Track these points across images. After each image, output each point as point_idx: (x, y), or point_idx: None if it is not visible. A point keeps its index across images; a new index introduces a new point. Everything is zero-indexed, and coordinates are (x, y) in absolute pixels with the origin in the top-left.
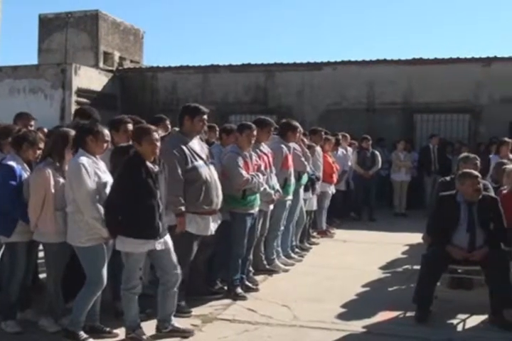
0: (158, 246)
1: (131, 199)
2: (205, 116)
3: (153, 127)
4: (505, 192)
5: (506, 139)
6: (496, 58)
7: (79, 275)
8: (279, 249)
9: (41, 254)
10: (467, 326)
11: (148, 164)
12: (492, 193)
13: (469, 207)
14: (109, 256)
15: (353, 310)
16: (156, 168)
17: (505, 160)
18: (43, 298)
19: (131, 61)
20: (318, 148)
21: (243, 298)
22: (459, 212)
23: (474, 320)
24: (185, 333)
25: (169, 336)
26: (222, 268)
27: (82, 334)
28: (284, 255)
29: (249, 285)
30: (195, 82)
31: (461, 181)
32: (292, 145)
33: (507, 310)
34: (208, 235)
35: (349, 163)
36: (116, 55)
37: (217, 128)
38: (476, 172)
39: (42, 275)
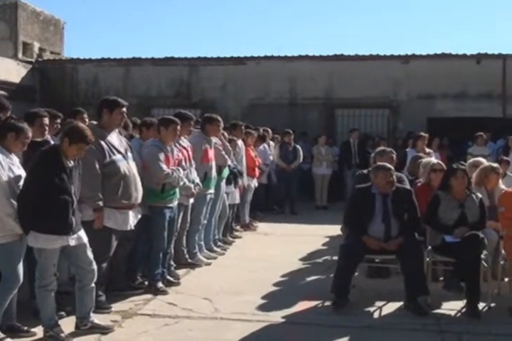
0: (72, 241)
1: (43, 194)
2: (124, 109)
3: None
4: (419, 184)
5: (422, 134)
6: (414, 56)
7: None
8: (202, 242)
9: None
10: (384, 313)
11: (63, 159)
12: (407, 185)
13: (384, 198)
14: (24, 253)
15: (273, 301)
16: (71, 163)
17: (421, 154)
18: None
19: (52, 52)
20: (239, 142)
21: (164, 293)
22: (374, 203)
23: (391, 307)
24: (105, 329)
25: (89, 333)
26: (142, 262)
27: None
28: (207, 249)
29: (171, 279)
30: (117, 75)
31: (375, 174)
32: (213, 139)
33: (421, 297)
34: (127, 230)
35: (271, 157)
36: (36, 45)
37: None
38: (388, 165)
39: None
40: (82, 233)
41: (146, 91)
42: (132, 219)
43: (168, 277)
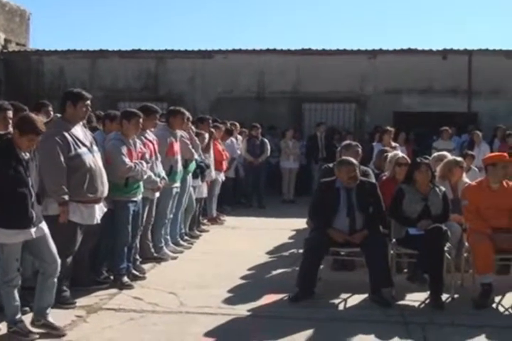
0: (33, 235)
1: (0, 188)
2: (89, 102)
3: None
4: (385, 178)
5: (388, 128)
6: (381, 51)
7: None
8: (168, 236)
9: None
10: (348, 305)
11: (19, 151)
12: (373, 179)
13: (348, 192)
14: None
15: (239, 294)
16: (27, 156)
17: (387, 148)
18: None
19: (17, 44)
20: (207, 136)
21: (130, 287)
22: (338, 197)
23: (355, 299)
24: (55, 330)
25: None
26: (107, 257)
27: None
28: (173, 243)
29: (136, 273)
30: (83, 67)
31: (338, 168)
32: (180, 132)
33: (385, 288)
34: (93, 224)
35: (238, 151)
36: (1, 36)
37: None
38: (351, 160)
39: None
40: (43, 225)
41: (112, 84)
42: (98, 213)
43: (134, 271)
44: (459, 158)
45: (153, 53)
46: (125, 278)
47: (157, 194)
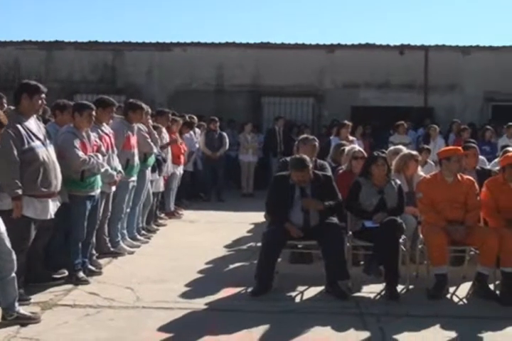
0: None
1: None
2: (44, 95)
3: None
4: (341, 171)
5: (346, 122)
6: (339, 45)
7: None
8: (125, 231)
9: None
10: (305, 297)
11: None
12: (329, 172)
13: (302, 186)
14: None
15: (196, 288)
16: None
17: (344, 142)
18: None
19: None
20: (164, 129)
21: (85, 283)
22: (293, 191)
23: (312, 292)
24: (30, 320)
25: (12, 324)
26: (62, 252)
27: None
28: (130, 237)
29: (92, 268)
30: (39, 59)
31: (290, 168)
32: (137, 125)
33: (341, 280)
34: (47, 219)
35: (197, 145)
36: None
37: None
38: (303, 164)
39: None
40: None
41: (68, 76)
42: (52, 207)
43: (90, 266)
44: (414, 152)
45: (110, 45)
46: (81, 274)
47: (113, 188)
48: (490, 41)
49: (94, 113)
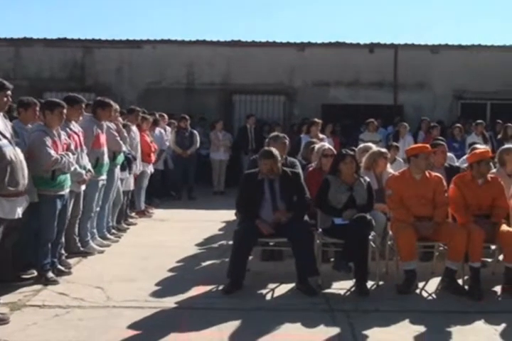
0: None
1: None
2: (10, 92)
3: None
4: (311, 169)
5: (316, 120)
6: (309, 44)
7: None
8: (94, 230)
9: None
10: (276, 295)
11: None
12: (299, 170)
13: (271, 183)
14: None
15: (167, 287)
16: None
17: (314, 140)
18: None
19: None
20: (134, 128)
21: (55, 283)
22: (262, 188)
23: (283, 289)
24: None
25: None
26: (30, 252)
27: None
28: (100, 236)
29: (62, 268)
30: (6, 56)
31: (258, 160)
32: (106, 124)
33: (312, 277)
34: (14, 218)
35: (167, 143)
36: None
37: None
38: (271, 153)
39: None
40: None
41: (37, 74)
42: (20, 207)
43: (59, 266)
44: (383, 149)
45: (79, 42)
46: (50, 274)
47: (83, 187)
48: (459, 40)
49: (65, 111)
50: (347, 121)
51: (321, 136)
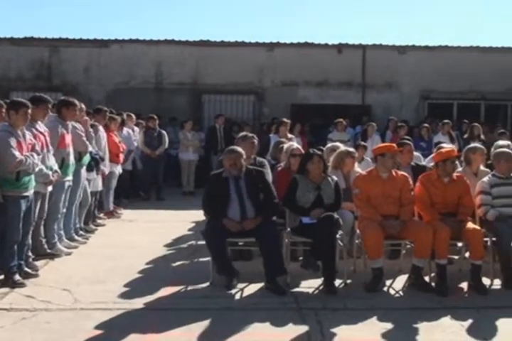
0: None
1: None
2: None
3: None
4: (280, 168)
5: (285, 120)
6: (278, 44)
7: None
8: (62, 231)
9: None
10: (245, 294)
11: None
12: (268, 170)
13: (236, 181)
14: None
15: (135, 288)
16: None
17: (283, 139)
18: None
19: None
20: (101, 128)
21: (22, 285)
22: (228, 187)
23: (252, 288)
24: None
25: None
26: None
27: None
28: (67, 238)
29: (29, 271)
30: None
31: (223, 157)
32: (72, 124)
33: (280, 276)
34: None
35: (135, 143)
36: None
37: None
38: (235, 149)
39: None
40: None
41: (4, 73)
42: None
43: (26, 269)
44: (351, 149)
45: (46, 41)
46: (17, 276)
47: (49, 188)
48: (425, 41)
49: (30, 111)
50: (316, 120)
51: (289, 135)
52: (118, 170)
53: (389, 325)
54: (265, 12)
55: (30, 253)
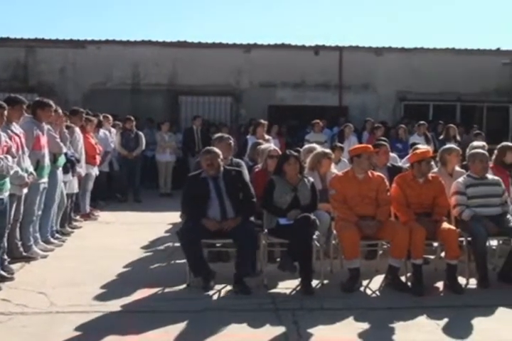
0: None
1: None
2: None
3: None
4: (257, 170)
5: (262, 121)
6: (255, 45)
7: None
8: (37, 234)
9: None
10: (222, 295)
11: None
12: (245, 170)
13: (215, 181)
14: None
15: (112, 290)
16: None
17: (260, 141)
18: None
19: None
20: (77, 129)
21: None
22: (207, 187)
23: (230, 289)
24: None
25: None
26: None
27: None
28: (43, 240)
29: (4, 274)
30: None
31: (200, 158)
32: (47, 125)
33: (252, 277)
34: None
35: (112, 145)
36: None
37: None
38: (212, 149)
39: None
40: None
41: None
42: None
43: (1, 272)
44: (327, 150)
45: (22, 42)
46: None
47: (25, 190)
48: (402, 43)
49: (6, 112)
50: (293, 121)
51: (266, 136)
52: (95, 171)
53: (365, 325)
54: (242, 13)
55: (5, 256)
